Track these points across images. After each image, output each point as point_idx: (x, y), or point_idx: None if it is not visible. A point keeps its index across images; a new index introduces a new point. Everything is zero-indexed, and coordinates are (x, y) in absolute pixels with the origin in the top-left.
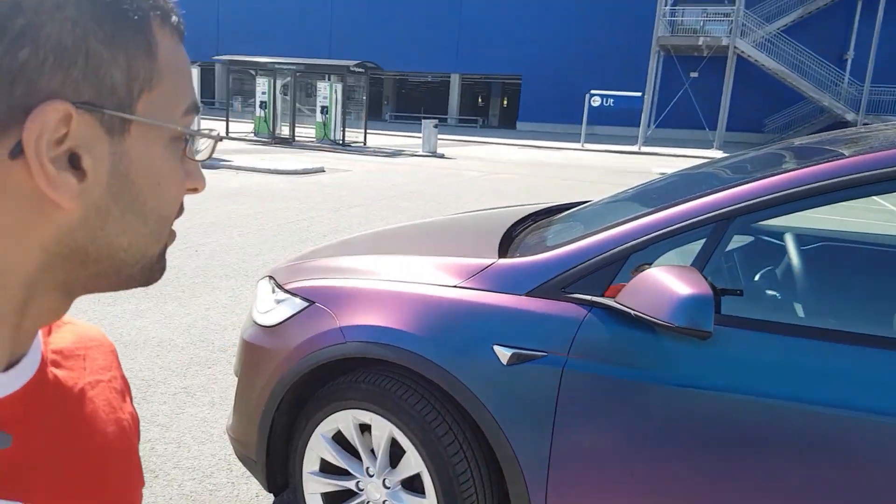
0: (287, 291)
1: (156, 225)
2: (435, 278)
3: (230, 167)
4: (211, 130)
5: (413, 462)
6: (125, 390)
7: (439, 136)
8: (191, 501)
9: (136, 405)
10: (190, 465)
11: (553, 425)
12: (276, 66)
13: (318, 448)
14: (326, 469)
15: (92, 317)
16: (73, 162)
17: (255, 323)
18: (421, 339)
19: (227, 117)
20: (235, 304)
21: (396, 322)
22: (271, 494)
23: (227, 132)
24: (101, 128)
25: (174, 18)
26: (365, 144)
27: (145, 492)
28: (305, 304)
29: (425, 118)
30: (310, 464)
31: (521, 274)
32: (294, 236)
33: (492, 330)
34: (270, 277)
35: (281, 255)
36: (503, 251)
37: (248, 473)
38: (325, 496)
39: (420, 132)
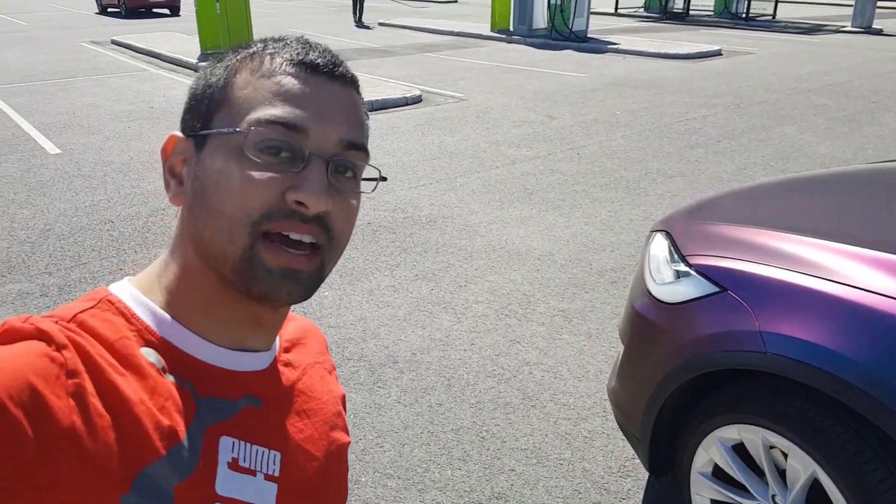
0: (691, 267)
1: (222, 222)
2: None
3: (616, 51)
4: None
5: None
6: (332, 369)
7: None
8: (566, 443)
9: (517, 320)
10: (565, 401)
11: None
12: None
13: (713, 451)
14: (718, 475)
15: (483, 219)
16: (173, 171)
17: (650, 293)
18: (880, 379)
19: None
20: (614, 220)
21: (843, 345)
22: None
23: (616, 8)
24: (191, 145)
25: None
26: (774, 17)
27: (537, 413)
28: (716, 289)
29: None
30: (700, 463)
31: None
32: (682, 140)
33: None
34: (666, 233)
35: (665, 163)
36: None
37: None
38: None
39: None
